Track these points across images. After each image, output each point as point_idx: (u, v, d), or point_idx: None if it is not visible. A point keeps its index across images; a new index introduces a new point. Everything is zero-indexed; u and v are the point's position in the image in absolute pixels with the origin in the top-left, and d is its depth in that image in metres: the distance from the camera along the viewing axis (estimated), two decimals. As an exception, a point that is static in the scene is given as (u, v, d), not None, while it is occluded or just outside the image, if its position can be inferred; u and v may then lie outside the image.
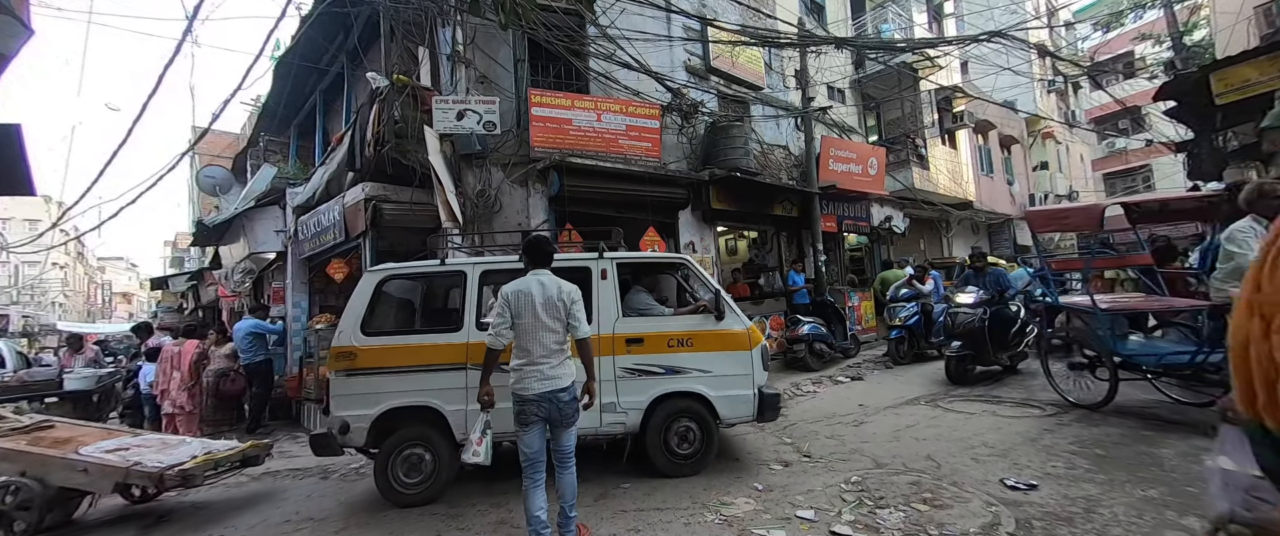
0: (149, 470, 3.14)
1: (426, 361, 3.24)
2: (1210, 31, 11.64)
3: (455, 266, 3.50)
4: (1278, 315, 1.03)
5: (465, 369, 3.19)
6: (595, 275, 3.46)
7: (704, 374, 3.41)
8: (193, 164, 14.27)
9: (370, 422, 3.13)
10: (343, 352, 3.21)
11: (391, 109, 5.75)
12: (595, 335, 3.06)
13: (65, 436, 3.58)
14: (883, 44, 9.79)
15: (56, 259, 29.96)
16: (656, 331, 3.45)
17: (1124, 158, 21.50)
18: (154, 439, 3.75)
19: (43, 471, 3.14)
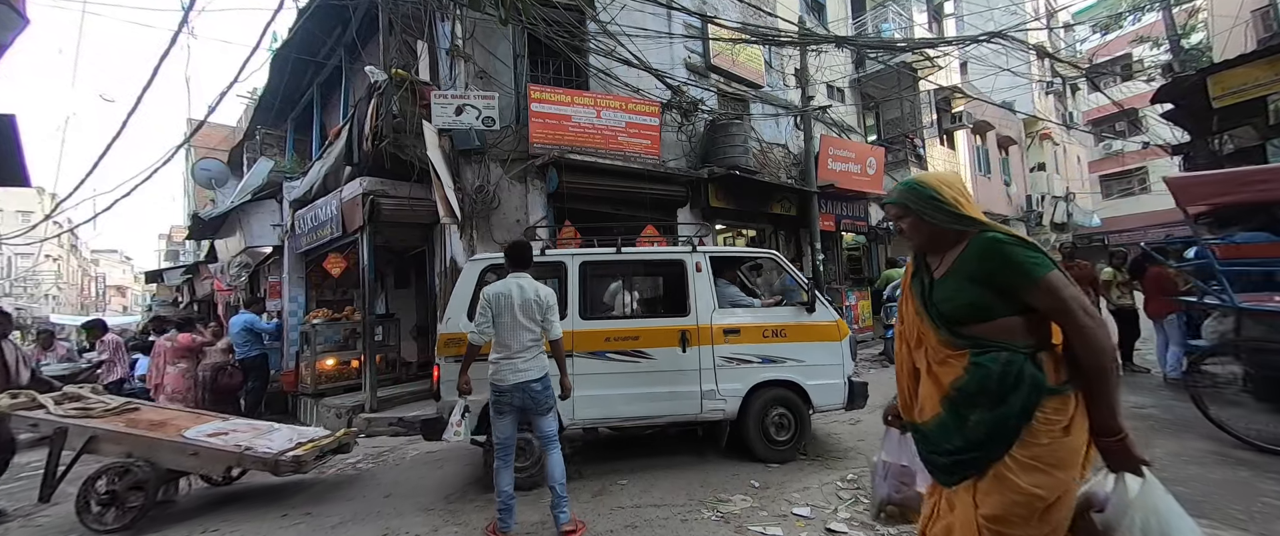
0: (262, 455, 3.18)
1: None
2: (1208, 34, 11.69)
3: (555, 257, 3.61)
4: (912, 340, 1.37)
5: (573, 356, 3.31)
6: (690, 268, 3.60)
7: (798, 363, 3.55)
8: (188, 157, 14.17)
9: (480, 408, 3.18)
10: (452, 339, 3.28)
11: (390, 103, 5.72)
12: (695, 325, 3.45)
13: (158, 418, 3.59)
14: (883, 43, 9.79)
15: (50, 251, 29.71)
16: (752, 323, 3.60)
17: (1121, 160, 21.60)
18: (243, 424, 3.73)
19: (151, 453, 3.15)
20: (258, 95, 10.84)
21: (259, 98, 10.52)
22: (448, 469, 3.82)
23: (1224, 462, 3.02)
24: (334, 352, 6.94)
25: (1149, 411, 4.15)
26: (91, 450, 3.19)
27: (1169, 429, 3.69)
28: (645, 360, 3.45)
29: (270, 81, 9.26)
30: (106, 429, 3.23)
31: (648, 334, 3.50)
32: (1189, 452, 3.21)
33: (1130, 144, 19.51)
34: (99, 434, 3.19)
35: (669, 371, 3.44)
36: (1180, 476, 2.86)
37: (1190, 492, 2.64)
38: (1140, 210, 20.23)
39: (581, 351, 3.36)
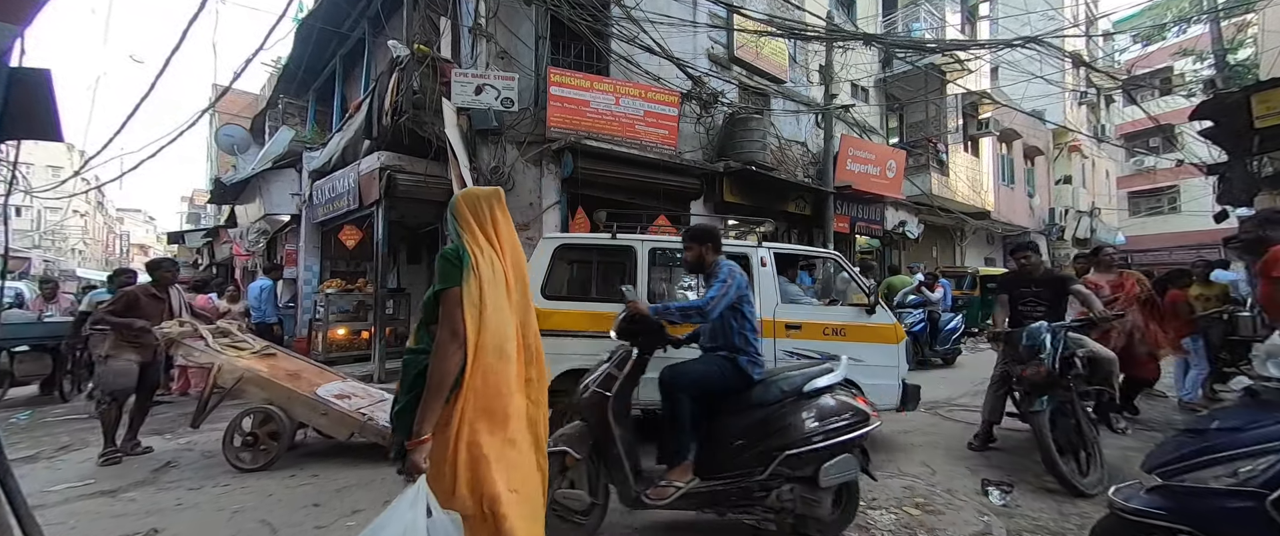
0: (381, 429, 3.25)
1: (604, 328, 3.40)
2: (1257, 51, 11.20)
3: (625, 241, 3.70)
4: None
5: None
6: (755, 262, 3.69)
7: (856, 362, 3.50)
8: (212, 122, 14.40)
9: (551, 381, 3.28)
10: None
11: (410, 79, 5.74)
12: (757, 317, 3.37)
13: (292, 368, 3.71)
14: (912, 43, 9.55)
15: (77, 207, 30.55)
16: (813, 320, 3.69)
17: (1152, 177, 20.93)
18: (360, 388, 3.81)
19: (288, 404, 3.28)
20: (281, 64, 10.94)
21: (283, 67, 10.62)
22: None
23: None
24: (345, 322, 7.07)
25: (1160, 437, 4.07)
26: (238, 391, 3.34)
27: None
28: None
29: (294, 51, 9.33)
30: (255, 372, 3.37)
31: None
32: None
33: (1163, 161, 18.88)
34: (247, 376, 3.33)
35: None
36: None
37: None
38: (1168, 230, 19.64)
39: None
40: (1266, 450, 1.35)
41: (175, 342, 3.45)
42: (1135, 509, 1.47)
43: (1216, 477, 1.40)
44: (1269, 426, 1.39)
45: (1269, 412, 1.44)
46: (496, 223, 1.46)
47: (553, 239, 3.67)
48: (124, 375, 3.55)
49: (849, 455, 2.10)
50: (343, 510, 2.68)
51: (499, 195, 1.50)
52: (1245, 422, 1.46)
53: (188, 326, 3.58)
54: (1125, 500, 1.52)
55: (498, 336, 1.35)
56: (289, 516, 2.63)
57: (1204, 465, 1.42)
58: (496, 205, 1.48)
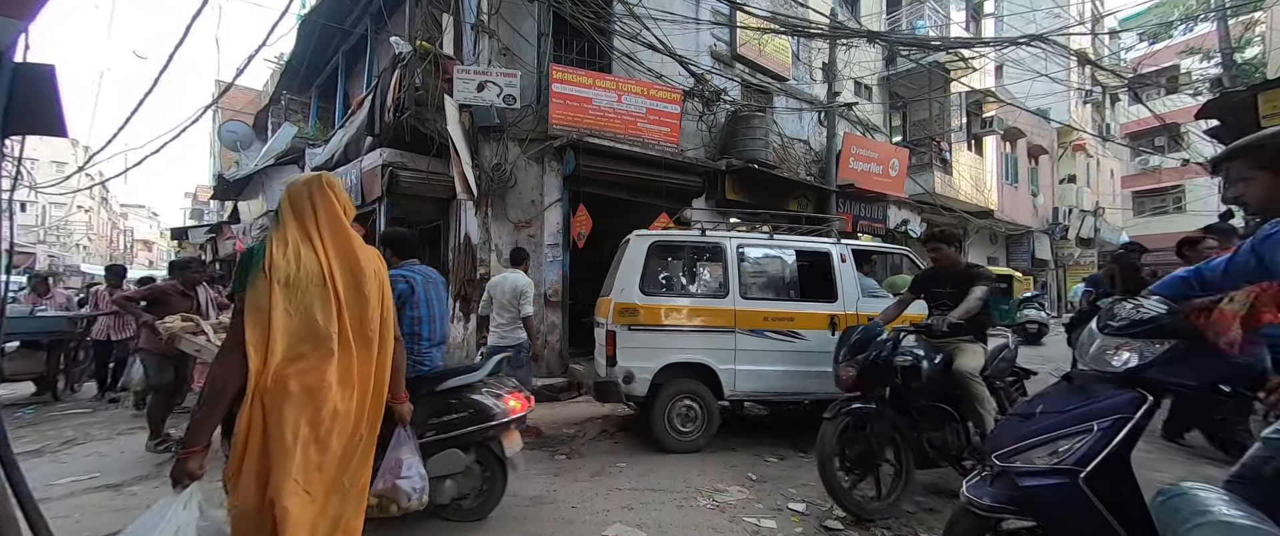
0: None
1: (700, 323, 3.62)
2: (1265, 49, 11.10)
3: (715, 238, 3.84)
4: None
5: (734, 332, 3.62)
6: (835, 258, 3.91)
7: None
8: (215, 118, 14.42)
9: (652, 374, 3.45)
10: (626, 308, 3.51)
11: (413, 76, 5.74)
12: (842, 311, 3.81)
13: None
14: (916, 41, 9.49)
15: (82, 202, 30.67)
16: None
17: (1157, 176, 20.80)
18: None
19: None
20: (284, 61, 10.94)
21: (285, 63, 10.62)
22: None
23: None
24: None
25: (1157, 438, 4.06)
26: None
27: (1178, 455, 3.61)
28: (799, 340, 3.72)
29: (297, 47, 9.33)
30: None
31: (802, 317, 3.77)
32: (1198, 479, 3.15)
33: (1168, 161, 18.77)
34: None
35: (818, 352, 3.63)
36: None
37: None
38: (1173, 229, 19.50)
39: (743, 328, 3.64)
40: (1080, 431, 1.43)
41: (177, 337, 3.48)
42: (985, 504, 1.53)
43: (1041, 458, 1.47)
44: (1082, 407, 1.49)
45: (1082, 395, 1.53)
46: (318, 214, 1.40)
47: (646, 236, 3.75)
48: (163, 369, 3.65)
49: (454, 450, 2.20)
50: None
51: (322, 182, 1.44)
52: (1064, 405, 1.54)
53: (190, 322, 3.57)
54: (971, 492, 1.58)
55: (300, 336, 1.31)
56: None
57: (1032, 447, 1.49)
58: (319, 195, 1.41)
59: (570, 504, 2.74)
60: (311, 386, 1.30)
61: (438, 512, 2.31)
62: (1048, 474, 1.43)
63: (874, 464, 2.59)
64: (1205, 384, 1.36)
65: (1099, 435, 1.41)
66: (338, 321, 1.35)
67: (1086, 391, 1.53)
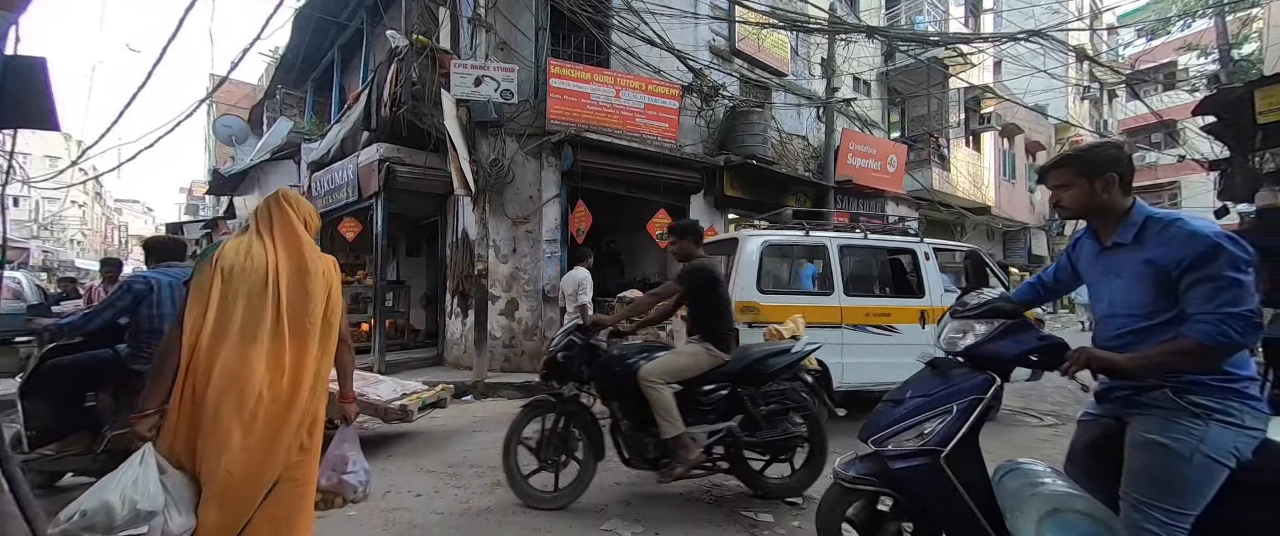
0: (373, 401, 3.27)
1: (810, 319, 3.78)
2: (1262, 45, 11.13)
3: (819, 238, 4.06)
4: None
5: (841, 328, 3.88)
6: (921, 256, 4.20)
7: None
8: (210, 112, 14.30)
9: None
10: (746, 306, 3.73)
11: (409, 70, 5.70)
12: (929, 306, 4.08)
13: None
14: (916, 36, 9.47)
15: (76, 197, 30.45)
16: None
17: (1153, 173, 20.87)
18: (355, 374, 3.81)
19: None
20: (279, 54, 10.85)
21: (280, 57, 10.53)
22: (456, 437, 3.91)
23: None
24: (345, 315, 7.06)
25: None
26: None
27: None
28: (895, 334, 4.00)
29: (292, 41, 9.25)
30: None
31: (897, 312, 4.06)
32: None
33: (1165, 157, 18.83)
34: None
35: (912, 345, 3.83)
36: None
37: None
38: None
39: (848, 324, 3.90)
40: (941, 412, 1.57)
41: None
42: (851, 476, 1.67)
43: (908, 440, 1.59)
44: (943, 391, 1.62)
45: (944, 379, 1.66)
46: (274, 221, 1.58)
47: (757, 235, 3.93)
48: None
49: None
50: (343, 500, 2.70)
51: (280, 196, 1.63)
52: (929, 389, 1.67)
53: None
54: (844, 470, 1.70)
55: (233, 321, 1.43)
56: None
57: (900, 431, 1.62)
58: (274, 204, 1.61)
59: (568, 499, 2.74)
60: (233, 369, 1.40)
61: None
62: (913, 455, 1.55)
63: (560, 456, 2.63)
64: (1021, 354, 1.53)
65: (957, 416, 1.54)
66: (273, 312, 1.47)
67: (947, 376, 1.66)
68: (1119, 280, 1.41)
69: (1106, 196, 1.40)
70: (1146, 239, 1.35)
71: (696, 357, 2.58)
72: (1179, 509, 1.23)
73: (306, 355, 1.50)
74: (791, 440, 2.67)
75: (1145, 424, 1.31)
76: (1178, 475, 1.24)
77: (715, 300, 2.68)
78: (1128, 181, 1.41)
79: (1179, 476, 1.24)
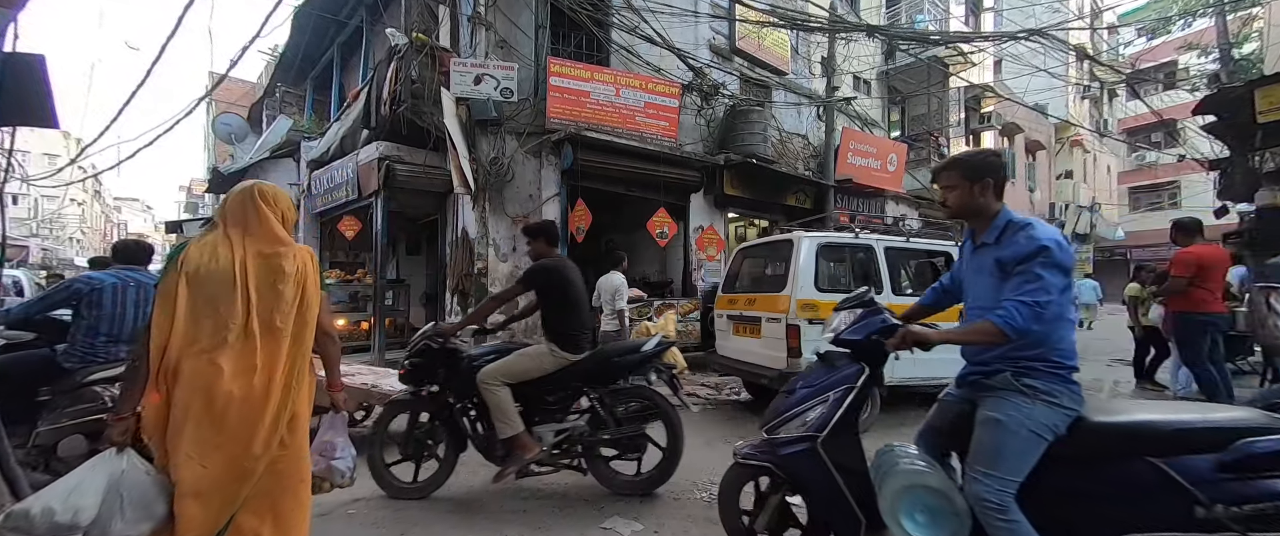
0: (387, 392, 3.24)
1: None
2: (1262, 45, 11.12)
3: (867, 240, 4.24)
4: None
5: None
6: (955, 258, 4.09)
7: None
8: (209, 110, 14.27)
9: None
10: (806, 304, 3.87)
11: (409, 68, 5.69)
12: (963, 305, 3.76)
13: None
14: (916, 35, 9.46)
15: (74, 195, 30.42)
16: None
17: (1153, 172, 20.90)
18: (363, 367, 3.82)
19: None
20: (279, 52, 10.83)
21: (280, 55, 10.52)
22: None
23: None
24: (345, 313, 7.08)
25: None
26: None
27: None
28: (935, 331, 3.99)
29: (291, 39, 9.23)
30: None
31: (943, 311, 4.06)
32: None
33: (1165, 156, 18.83)
34: None
35: None
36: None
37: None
38: (1167, 225, 19.56)
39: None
40: (821, 401, 1.73)
41: None
42: (745, 455, 1.84)
43: (794, 428, 1.75)
44: (825, 381, 1.78)
45: (828, 370, 1.81)
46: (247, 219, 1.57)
47: (814, 237, 4.09)
48: None
49: None
50: (342, 498, 2.71)
51: (254, 192, 1.60)
52: (816, 380, 1.81)
53: None
54: (742, 451, 1.85)
55: (200, 324, 1.45)
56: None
57: (790, 418, 1.77)
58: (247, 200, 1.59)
59: (568, 497, 2.75)
60: (201, 369, 1.43)
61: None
62: (796, 442, 1.72)
63: (421, 450, 2.71)
64: (867, 337, 1.72)
65: (831, 404, 1.71)
66: (243, 313, 1.47)
67: (831, 367, 1.82)
68: (980, 275, 1.60)
69: (982, 200, 1.59)
70: (1003, 240, 1.53)
71: (539, 359, 2.57)
72: (1007, 475, 1.42)
73: (279, 352, 1.51)
74: (641, 438, 2.69)
75: (988, 404, 1.51)
76: (1008, 446, 1.44)
77: (562, 301, 2.65)
78: (1000, 187, 1.60)
79: (1008, 447, 1.44)
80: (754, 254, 4.87)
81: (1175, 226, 4.19)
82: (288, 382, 1.53)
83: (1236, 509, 1.32)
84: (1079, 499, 1.46)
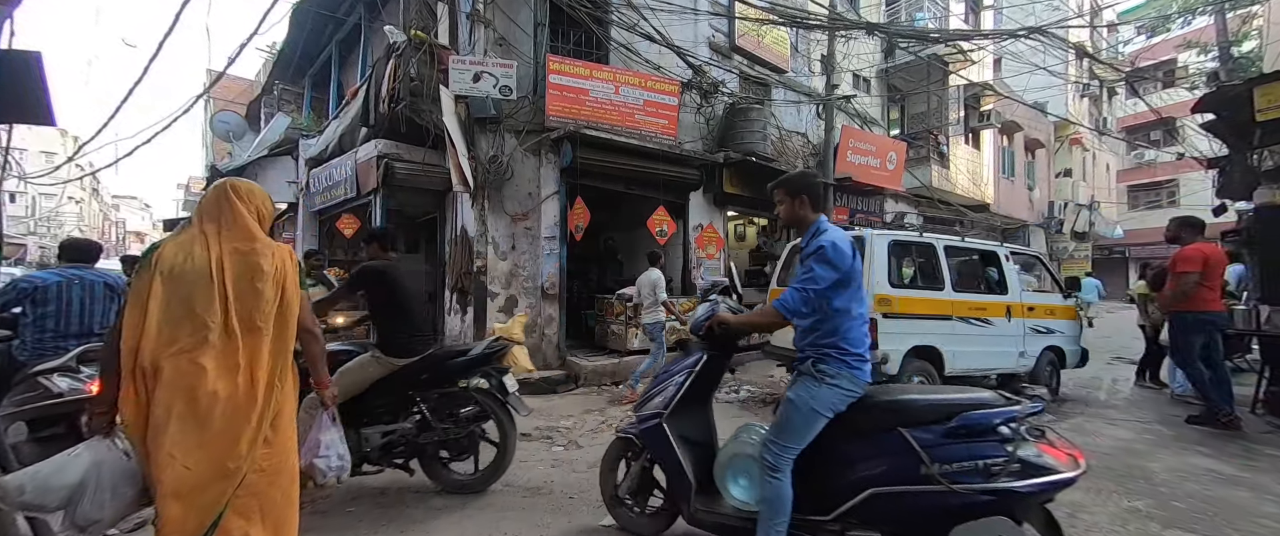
0: None
1: (929, 311, 4.26)
2: (1261, 43, 11.11)
3: (930, 239, 4.51)
4: None
5: (951, 319, 4.31)
6: (1002, 257, 4.73)
7: (1060, 334, 4.88)
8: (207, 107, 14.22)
9: (902, 355, 4.03)
10: (883, 299, 4.06)
11: (407, 65, 5.67)
12: (1013, 302, 4.60)
13: None
14: (916, 33, 9.44)
15: (72, 193, 30.33)
16: (1042, 303, 4.88)
17: (1152, 170, 20.90)
18: None
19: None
20: (277, 50, 10.79)
21: (278, 52, 10.47)
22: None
23: (1222, 482, 3.01)
24: (344, 311, 7.06)
25: (1154, 426, 4.13)
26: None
27: (1171, 446, 3.66)
28: (989, 325, 4.49)
29: (290, 36, 9.19)
30: None
31: (990, 306, 4.54)
32: (1188, 469, 3.20)
33: (1164, 155, 18.84)
34: None
35: (1002, 335, 4.52)
36: (1178, 492, 2.85)
37: (1187, 509, 2.64)
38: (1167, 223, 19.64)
39: (957, 316, 4.34)
40: (672, 383, 2.06)
41: None
42: (621, 430, 2.24)
43: (652, 406, 2.06)
44: (677, 367, 2.11)
45: (684, 357, 2.12)
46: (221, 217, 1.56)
47: (883, 234, 4.26)
48: None
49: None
50: (341, 497, 2.71)
51: (228, 189, 1.59)
52: (676, 366, 2.11)
53: None
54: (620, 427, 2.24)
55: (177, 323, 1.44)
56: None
57: (652, 398, 2.10)
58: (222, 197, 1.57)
59: (568, 494, 2.75)
60: (183, 369, 1.42)
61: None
62: (649, 418, 2.05)
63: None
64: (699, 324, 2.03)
65: (675, 386, 2.05)
66: (222, 312, 1.46)
67: (686, 354, 2.14)
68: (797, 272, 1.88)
69: (802, 211, 1.91)
70: (809, 243, 1.84)
71: (363, 370, 2.51)
72: (788, 443, 1.74)
73: (261, 351, 1.51)
74: (471, 438, 2.72)
75: (790, 386, 1.83)
76: (792, 420, 1.75)
77: (386, 304, 2.57)
78: (815, 201, 1.92)
79: (792, 421, 1.75)
80: None
81: (1184, 224, 4.15)
82: (271, 381, 1.52)
83: (946, 466, 1.62)
84: (846, 462, 1.77)
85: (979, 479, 1.58)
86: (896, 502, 1.66)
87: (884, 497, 1.67)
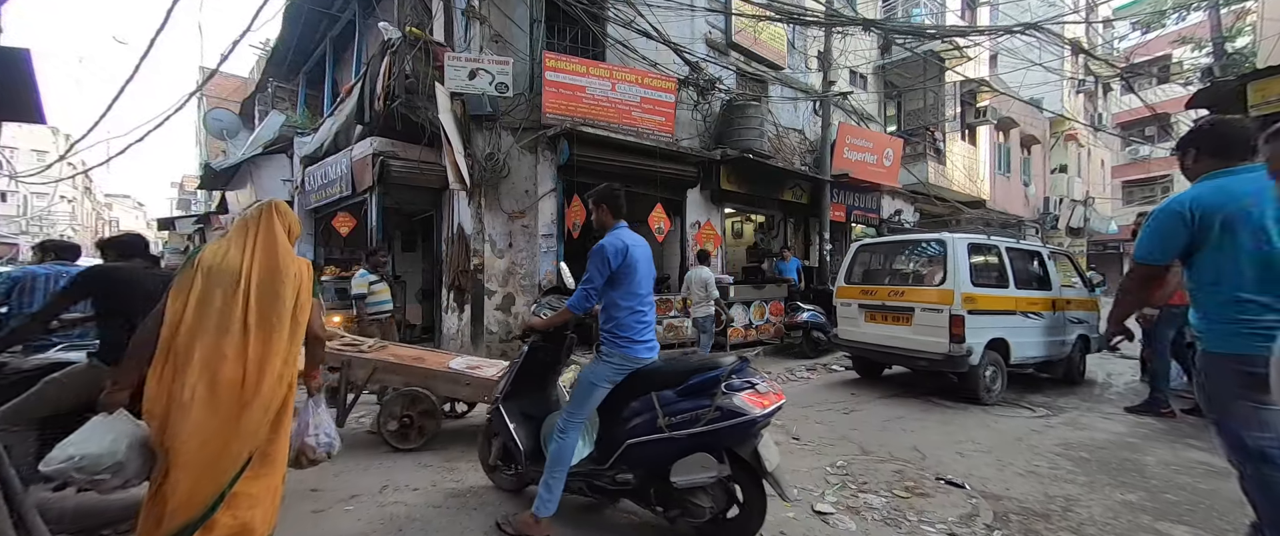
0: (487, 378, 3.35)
1: (998, 307, 4.65)
2: (1255, 39, 11.16)
3: (994, 241, 4.88)
4: None
5: (1015, 314, 4.73)
6: (1045, 255, 5.22)
7: (1085, 324, 5.38)
8: (200, 105, 14.11)
9: (982, 347, 4.42)
10: (968, 298, 4.45)
11: (403, 62, 5.63)
12: (1056, 297, 5.08)
13: (414, 354, 3.81)
14: (912, 29, 9.44)
15: (64, 192, 30.05)
16: (1073, 296, 5.31)
17: (1146, 166, 21.01)
18: (484, 361, 3.91)
19: (428, 383, 3.40)
20: (270, 46, 10.70)
21: (272, 49, 10.39)
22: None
23: (1215, 475, 3.04)
24: (340, 310, 7.03)
25: (1147, 420, 4.16)
26: (376, 381, 3.39)
27: (1164, 439, 3.70)
28: (1041, 319, 4.93)
29: (283, 33, 9.12)
30: (386, 361, 3.42)
31: (1041, 301, 4.97)
32: (1181, 462, 3.23)
33: (1158, 150, 18.94)
34: (380, 366, 3.39)
35: (1050, 326, 4.99)
36: (1170, 484, 2.88)
37: (1180, 501, 2.67)
38: (1159, 219, 19.73)
39: (1019, 311, 4.77)
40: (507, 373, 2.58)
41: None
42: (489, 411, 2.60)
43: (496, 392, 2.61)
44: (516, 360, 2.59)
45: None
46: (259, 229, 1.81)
47: (962, 238, 4.63)
48: None
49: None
50: (340, 495, 2.70)
51: (270, 207, 1.87)
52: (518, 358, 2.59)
53: None
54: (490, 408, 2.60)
55: (208, 315, 1.64)
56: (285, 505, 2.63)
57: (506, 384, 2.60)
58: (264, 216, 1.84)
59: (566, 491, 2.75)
60: (211, 355, 1.61)
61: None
62: (496, 401, 2.51)
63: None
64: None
65: (509, 375, 2.54)
66: (242, 308, 1.68)
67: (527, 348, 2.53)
68: None
69: (604, 218, 2.25)
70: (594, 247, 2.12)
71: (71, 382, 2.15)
72: (575, 410, 2.16)
73: (272, 347, 1.70)
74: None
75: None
76: (579, 391, 2.16)
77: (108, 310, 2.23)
78: (614, 209, 2.25)
79: (579, 392, 2.16)
80: (878, 250, 5.48)
81: None
82: (279, 375, 1.71)
83: (672, 418, 2.01)
84: (621, 421, 2.15)
85: (691, 426, 1.98)
86: (643, 449, 2.06)
87: (636, 446, 2.07)
